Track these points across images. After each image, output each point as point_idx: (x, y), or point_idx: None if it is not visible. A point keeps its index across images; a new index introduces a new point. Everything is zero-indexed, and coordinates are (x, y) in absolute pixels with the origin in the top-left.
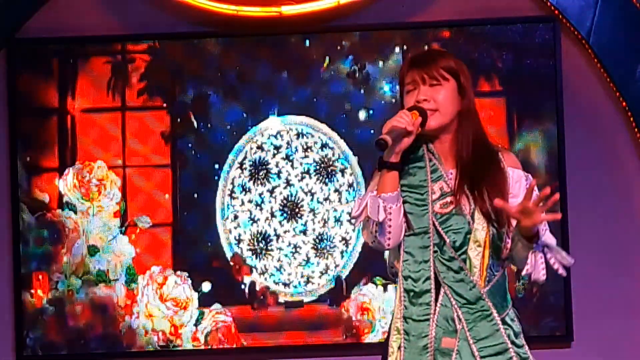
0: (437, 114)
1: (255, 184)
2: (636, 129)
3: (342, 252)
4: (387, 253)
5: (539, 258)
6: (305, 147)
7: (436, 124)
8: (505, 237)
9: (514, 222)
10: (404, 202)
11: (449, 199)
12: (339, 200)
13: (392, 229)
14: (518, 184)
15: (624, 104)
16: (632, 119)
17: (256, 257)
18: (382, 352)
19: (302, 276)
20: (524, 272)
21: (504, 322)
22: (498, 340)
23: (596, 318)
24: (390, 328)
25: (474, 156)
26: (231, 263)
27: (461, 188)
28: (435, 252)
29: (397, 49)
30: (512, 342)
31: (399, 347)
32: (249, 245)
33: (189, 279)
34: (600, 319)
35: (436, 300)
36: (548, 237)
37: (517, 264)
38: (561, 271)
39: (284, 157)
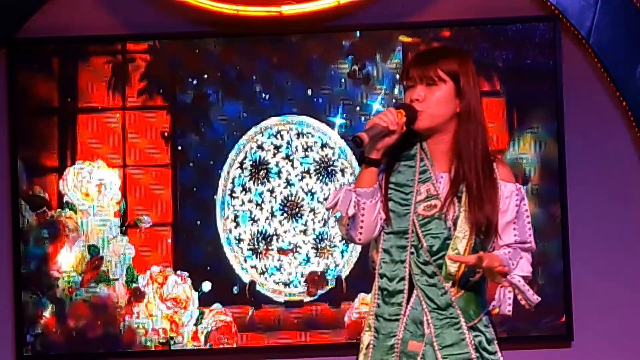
0: (427, 115)
1: (256, 183)
2: (636, 129)
3: (342, 252)
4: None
5: (507, 292)
6: (305, 146)
7: (424, 125)
8: (489, 249)
9: (504, 236)
10: (389, 199)
11: (434, 202)
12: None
13: (364, 225)
14: (508, 199)
15: (624, 104)
16: (632, 119)
17: (256, 257)
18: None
19: (302, 276)
20: (490, 307)
21: (474, 329)
22: (463, 350)
23: (596, 318)
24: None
25: (469, 163)
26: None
27: (451, 193)
28: (412, 253)
29: (397, 49)
30: (484, 349)
31: (368, 345)
32: (248, 245)
33: (189, 278)
34: (600, 319)
35: (408, 301)
36: (519, 270)
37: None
38: (527, 307)
39: (284, 156)
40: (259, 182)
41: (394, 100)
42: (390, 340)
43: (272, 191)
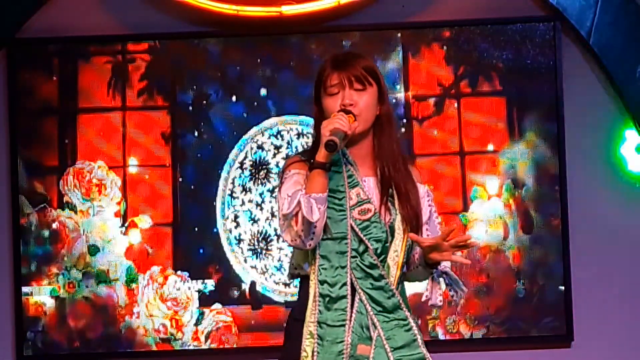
0: (360, 119)
1: (256, 183)
2: (636, 129)
3: None
4: (294, 253)
5: (436, 284)
6: (305, 147)
7: (360, 130)
8: (414, 249)
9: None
10: None
11: (366, 206)
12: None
13: (317, 230)
14: (423, 199)
15: (624, 104)
16: (632, 119)
17: (256, 257)
18: (287, 356)
19: (290, 280)
20: (423, 299)
21: (418, 330)
22: (415, 350)
23: (596, 318)
24: (295, 332)
25: (391, 165)
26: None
27: (384, 197)
28: (354, 257)
29: (397, 49)
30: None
31: (313, 352)
32: (249, 245)
33: (189, 279)
34: (600, 319)
35: (352, 306)
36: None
37: (411, 281)
38: (455, 298)
39: (285, 156)
40: (259, 182)
41: (393, 100)
42: (337, 347)
43: (272, 191)
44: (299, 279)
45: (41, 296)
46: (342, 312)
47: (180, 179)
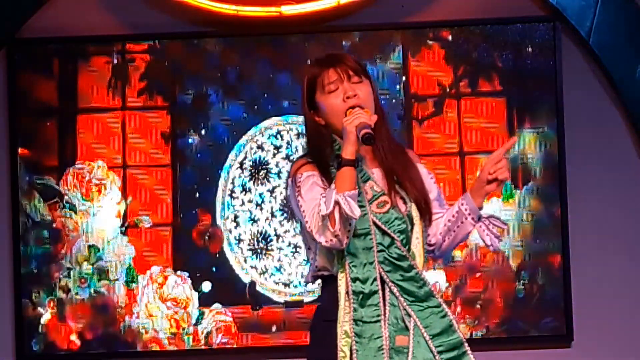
0: (369, 111)
1: (256, 183)
2: (636, 129)
3: None
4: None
5: (483, 229)
6: (305, 147)
7: (373, 121)
8: (426, 233)
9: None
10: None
11: (383, 198)
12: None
13: (351, 227)
14: (428, 177)
15: (624, 104)
16: (632, 119)
17: (256, 257)
18: (322, 356)
19: (302, 276)
20: (490, 248)
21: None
22: (453, 335)
23: (596, 318)
24: (323, 334)
25: (392, 154)
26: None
27: (393, 188)
28: (380, 251)
29: (397, 49)
30: None
31: (352, 351)
32: (249, 245)
33: (189, 279)
34: (600, 319)
35: (384, 300)
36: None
37: (447, 248)
38: (493, 242)
39: (284, 156)
40: (259, 182)
41: (393, 101)
42: (376, 342)
43: (272, 191)
44: (320, 280)
45: (41, 296)
46: (375, 308)
47: (180, 179)
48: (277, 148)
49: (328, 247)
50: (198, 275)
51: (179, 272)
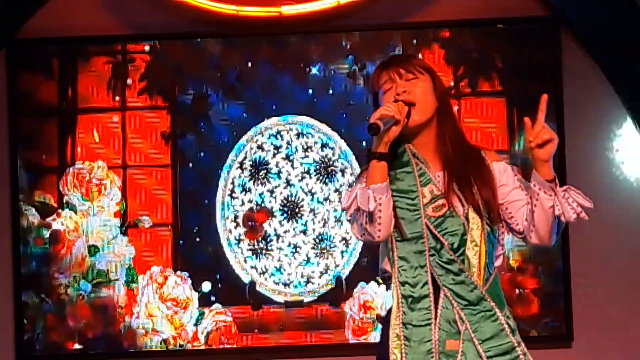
0: (419, 108)
1: (256, 183)
2: (636, 129)
3: (342, 252)
4: (380, 257)
5: (563, 198)
6: (305, 147)
7: (419, 118)
8: (499, 234)
9: (513, 214)
10: (395, 207)
11: (440, 201)
12: (339, 200)
13: (382, 220)
14: (505, 174)
15: (624, 104)
16: (632, 119)
17: (256, 257)
18: (380, 357)
19: (302, 276)
20: (556, 212)
21: (505, 319)
22: (504, 340)
23: (596, 318)
24: (385, 335)
25: (458, 155)
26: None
27: (451, 189)
28: (432, 255)
29: (397, 49)
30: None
31: (402, 355)
32: (249, 245)
33: (189, 279)
34: (600, 319)
35: (436, 304)
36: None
37: (540, 229)
38: (581, 214)
39: (284, 157)
40: (259, 182)
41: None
42: (425, 346)
43: (272, 191)
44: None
45: (41, 296)
46: (426, 312)
47: (180, 179)
48: (277, 148)
49: (364, 241)
50: (198, 275)
51: (179, 272)
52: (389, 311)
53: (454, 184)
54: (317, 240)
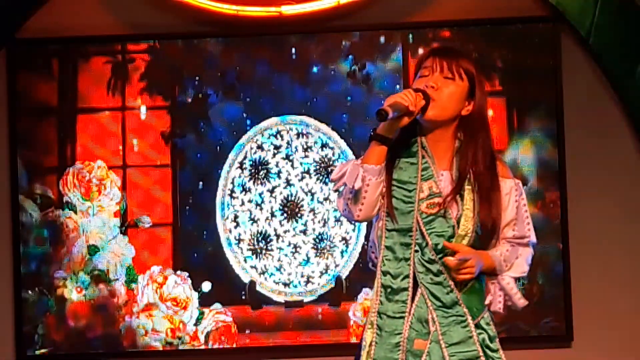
0: (437, 105)
1: (255, 183)
2: (636, 129)
3: (342, 252)
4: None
5: (498, 290)
6: (305, 147)
7: (433, 116)
8: (486, 246)
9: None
10: (392, 196)
11: (436, 199)
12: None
13: (365, 201)
14: (508, 196)
15: (624, 104)
16: (632, 119)
17: (256, 257)
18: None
19: (302, 276)
20: (486, 302)
21: (478, 326)
22: (470, 347)
23: (596, 318)
24: (366, 322)
25: (479, 166)
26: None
27: (454, 192)
28: (416, 251)
29: (397, 49)
30: (487, 347)
31: (371, 343)
32: (249, 245)
33: (189, 279)
34: (600, 319)
35: (412, 299)
36: (513, 272)
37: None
38: (513, 308)
39: (284, 156)
40: (259, 182)
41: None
42: (395, 338)
43: (272, 191)
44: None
45: (41, 296)
46: (402, 304)
47: (179, 179)
48: (277, 148)
49: (344, 216)
50: (198, 275)
51: (179, 272)
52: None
53: (458, 187)
54: (317, 240)
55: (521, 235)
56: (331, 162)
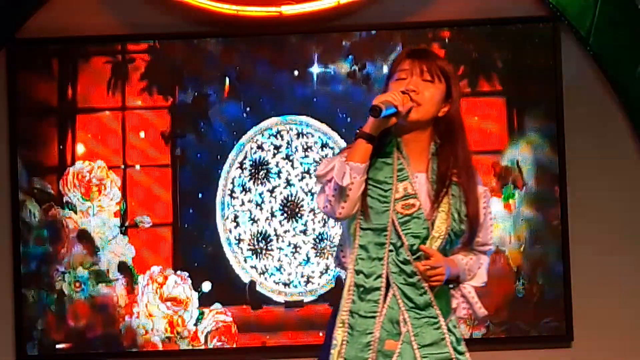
0: (420, 109)
1: (256, 183)
2: (636, 129)
3: None
4: (343, 239)
5: (460, 296)
6: (305, 147)
7: (415, 118)
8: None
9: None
10: (367, 195)
11: (411, 200)
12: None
13: (349, 199)
14: (478, 202)
15: (624, 104)
16: (632, 119)
17: (256, 257)
18: (326, 343)
19: (302, 276)
20: (453, 305)
21: (448, 329)
22: (442, 349)
23: (596, 318)
24: (334, 320)
25: (462, 170)
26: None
27: (432, 194)
28: (391, 251)
29: (397, 49)
30: (454, 349)
31: (342, 342)
32: (249, 245)
33: (189, 279)
34: (600, 319)
35: (385, 299)
36: (475, 281)
37: None
38: (473, 318)
39: (284, 156)
40: (259, 182)
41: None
42: (366, 338)
43: (272, 191)
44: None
45: (41, 296)
46: (374, 304)
47: (179, 179)
48: (277, 148)
49: (324, 213)
50: (198, 275)
51: (179, 272)
52: (336, 304)
53: (439, 189)
54: (317, 240)
55: (484, 242)
56: None
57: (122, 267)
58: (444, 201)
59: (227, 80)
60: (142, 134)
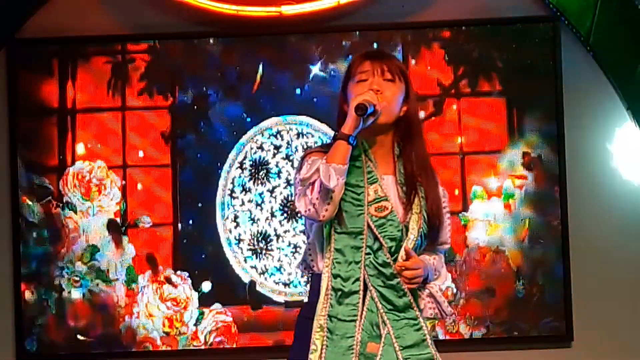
0: (386, 110)
1: (256, 183)
2: (636, 129)
3: None
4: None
5: (426, 296)
6: (305, 147)
7: (383, 120)
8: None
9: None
10: (341, 199)
11: (383, 203)
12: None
13: (332, 201)
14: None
15: (623, 104)
16: (632, 119)
17: (256, 257)
18: (297, 355)
19: (302, 276)
20: (421, 306)
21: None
22: (424, 350)
23: (596, 318)
24: (305, 322)
25: (422, 169)
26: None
27: (405, 196)
28: (367, 254)
29: (397, 49)
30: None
31: (322, 346)
32: (249, 245)
33: (189, 279)
34: (600, 319)
35: (363, 302)
36: (440, 281)
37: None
38: (439, 317)
39: (284, 156)
40: (259, 182)
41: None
42: (347, 341)
43: (272, 191)
44: (310, 276)
45: (41, 296)
46: (353, 307)
47: (179, 179)
48: (277, 148)
49: (306, 216)
50: (198, 275)
51: (179, 272)
52: (307, 304)
53: (409, 191)
54: None
55: (443, 241)
56: None
57: (122, 267)
58: (415, 202)
59: (227, 80)
60: (142, 135)
